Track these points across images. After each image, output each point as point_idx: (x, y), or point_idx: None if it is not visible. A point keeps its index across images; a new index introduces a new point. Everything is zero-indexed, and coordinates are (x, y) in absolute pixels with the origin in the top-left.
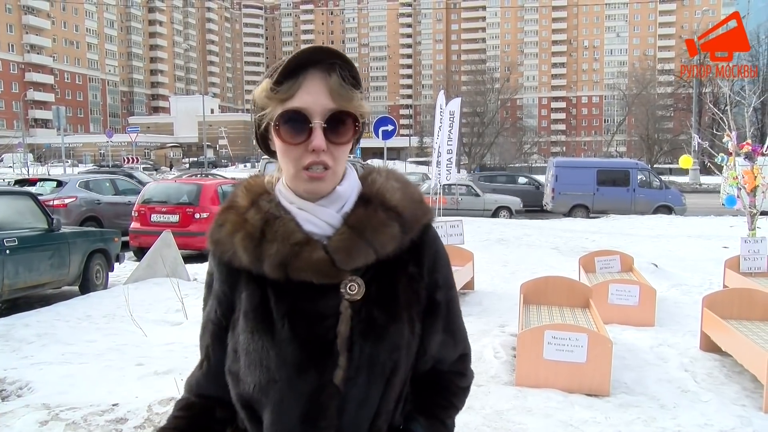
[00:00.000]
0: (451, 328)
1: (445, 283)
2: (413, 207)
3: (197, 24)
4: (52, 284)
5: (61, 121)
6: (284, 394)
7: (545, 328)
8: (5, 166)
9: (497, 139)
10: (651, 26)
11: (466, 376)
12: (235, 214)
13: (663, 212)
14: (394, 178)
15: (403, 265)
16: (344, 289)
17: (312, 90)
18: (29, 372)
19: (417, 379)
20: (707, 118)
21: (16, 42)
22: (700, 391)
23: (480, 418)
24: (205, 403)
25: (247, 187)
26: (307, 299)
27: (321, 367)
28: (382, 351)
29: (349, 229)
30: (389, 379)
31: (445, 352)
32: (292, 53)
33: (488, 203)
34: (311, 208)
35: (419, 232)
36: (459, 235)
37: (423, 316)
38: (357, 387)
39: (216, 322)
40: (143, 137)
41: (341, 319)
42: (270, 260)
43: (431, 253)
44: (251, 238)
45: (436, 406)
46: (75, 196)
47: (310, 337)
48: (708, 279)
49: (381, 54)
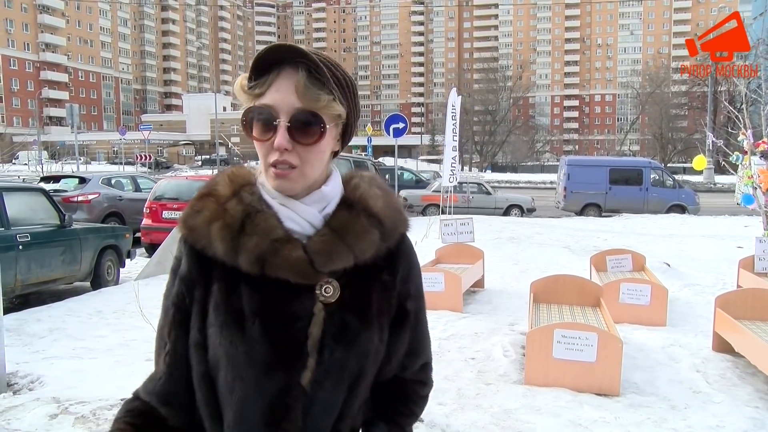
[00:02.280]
0: (417, 338)
1: (416, 293)
2: (394, 216)
3: (210, 22)
4: (63, 280)
5: (75, 119)
6: (249, 393)
7: (555, 327)
8: (21, 164)
9: (509, 138)
10: (665, 24)
11: (427, 384)
12: (215, 203)
13: (676, 212)
14: (376, 186)
15: (378, 273)
16: (319, 291)
17: (281, 87)
18: (40, 366)
19: (379, 386)
20: (722, 116)
21: (32, 41)
22: (712, 393)
23: (488, 417)
24: (159, 406)
25: (231, 177)
26: (281, 298)
27: (289, 368)
28: (351, 356)
29: (330, 232)
30: (355, 384)
31: (408, 361)
32: (263, 49)
33: (499, 201)
34: (293, 205)
35: (396, 241)
36: (469, 233)
37: (391, 325)
38: (323, 390)
39: (183, 310)
40: (156, 135)
41: (314, 321)
42: (247, 254)
43: (406, 263)
44: (230, 229)
45: (397, 413)
46: (98, 193)
47: (281, 337)
48: (721, 279)
49: (393, 52)
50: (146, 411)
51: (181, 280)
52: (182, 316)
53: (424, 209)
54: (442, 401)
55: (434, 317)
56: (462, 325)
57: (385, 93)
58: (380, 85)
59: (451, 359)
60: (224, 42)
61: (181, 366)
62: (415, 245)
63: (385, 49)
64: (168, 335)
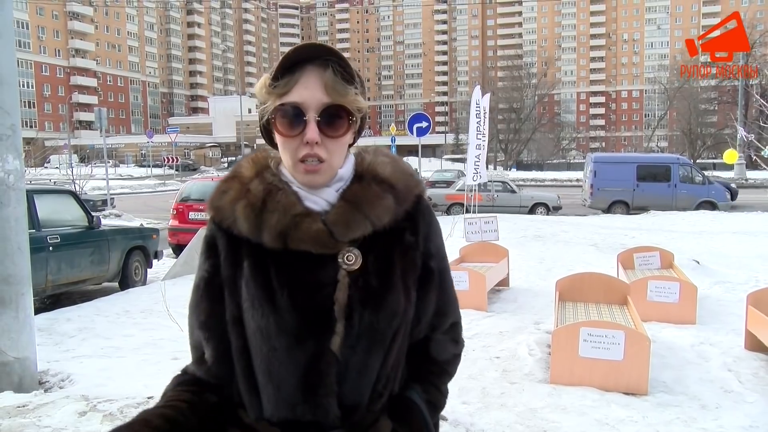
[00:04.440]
0: (444, 297)
1: (438, 253)
2: (405, 179)
3: (234, 25)
4: (92, 280)
5: (103, 123)
6: (283, 362)
7: (581, 325)
8: (52, 167)
9: (534, 136)
10: (694, 17)
11: (459, 343)
12: (239, 183)
13: (706, 208)
14: (382, 154)
15: (400, 235)
16: (342, 259)
17: (308, 85)
18: (70, 365)
19: (410, 347)
20: (754, 110)
21: (62, 47)
22: (745, 392)
23: (513, 416)
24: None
25: (254, 160)
26: (306, 269)
27: (318, 335)
28: (381, 318)
29: (345, 203)
30: (389, 346)
31: (437, 321)
32: (291, 49)
33: (524, 200)
34: (313, 190)
35: (413, 203)
36: (493, 231)
37: (418, 285)
38: (356, 354)
39: (217, 287)
40: (183, 137)
41: (338, 287)
42: (270, 230)
43: (426, 222)
44: (252, 207)
45: (430, 373)
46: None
47: (309, 305)
48: (754, 276)
49: (416, 51)
50: (196, 380)
51: (211, 260)
52: (215, 295)
53: (448, 208)
54: (466, 400)
55: None
56: (487, 323)
57: (409, 92)
58: (404, 84)
59: (476, 358)
60: (249, 44)
61: (217, 343)
62: None
63: (408, 49)
64: (203, 314)
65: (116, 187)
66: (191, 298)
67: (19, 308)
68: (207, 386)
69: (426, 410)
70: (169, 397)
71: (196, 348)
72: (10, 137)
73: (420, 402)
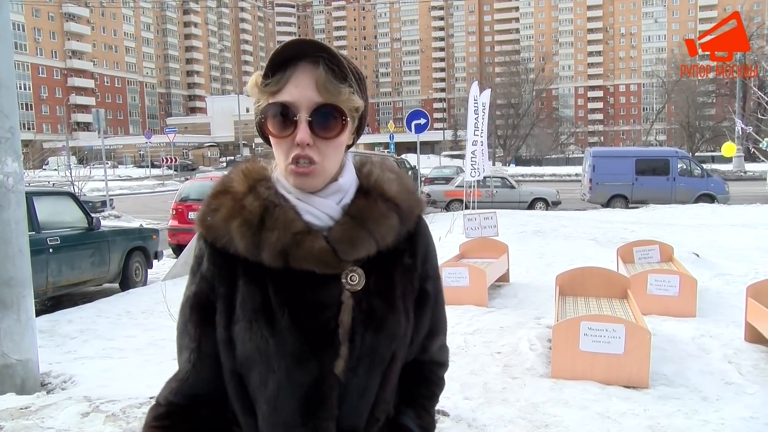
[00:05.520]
0: (436, 318)
1: (434, 274)
2: (409, 198)
3: (231, 24)
4: (93, 282)
5: (101, 124)
6: (281, 385)
7: (581, 320)
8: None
9: (533, 131)
10: (691, 10)
11: (444, 365)
12: (231, 200)
13: (705, 201)
14: (388, 169)
15: (400, 256)
16: (345, 280)
17: (299, 83)
18: (72, 366)
19: (401, 371)
20: (752, 102)
21: (59, 49)
22: (745, 384)
23: (515, 411)
24: (189, 404)
25: (245, 172)
26: (308, 289)
27: (322, 357)
28: (381, 341)
29: (350, 220)
30: (387, 368)
31: (428, 342)
32: (281, 45)
33: (524, 195)
34: (310, 199)
35: (414, 223)
36: (493, 227)
37: (414, 306)
38: (357, 377)
39: (207, 308)
40: (181, 138)
41: (343, 309)
42: (270, 249)
43: (424, 243)
44: (249, 225)
45: (421, 396)
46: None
47: (312, 326)
48: (753, 268)
49: (413, 48)
50: (173, 412)
51: (203, 279)
52: (206, 315)
53: (447, 204)
54: (468, 395)
55: (459, 312)
56: (487, 319)
57: (407, 89)
58: (401, 81)
59: (477, 354)
60: (246, 43)
61: (207, 363)
62: (438, 240)
63: (405, 46)
64: (192, 334)
65: (115, 188)
66: (179, 319)
67: (21, 310)
68: (183, 415)
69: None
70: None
71: (184, 369)
72: (9, 140)
73: (415, 429)
